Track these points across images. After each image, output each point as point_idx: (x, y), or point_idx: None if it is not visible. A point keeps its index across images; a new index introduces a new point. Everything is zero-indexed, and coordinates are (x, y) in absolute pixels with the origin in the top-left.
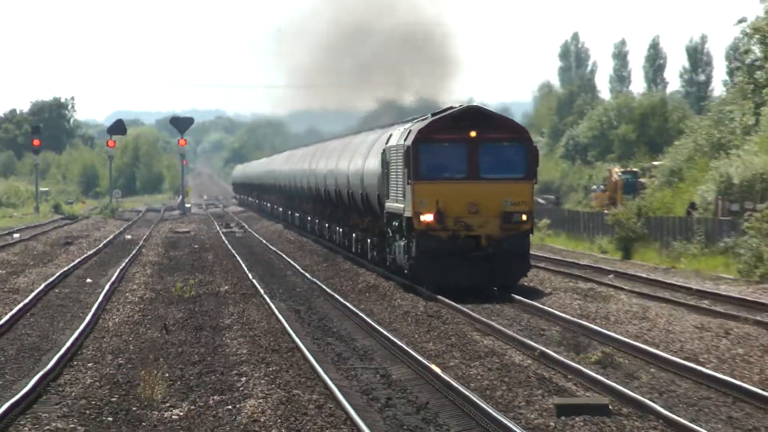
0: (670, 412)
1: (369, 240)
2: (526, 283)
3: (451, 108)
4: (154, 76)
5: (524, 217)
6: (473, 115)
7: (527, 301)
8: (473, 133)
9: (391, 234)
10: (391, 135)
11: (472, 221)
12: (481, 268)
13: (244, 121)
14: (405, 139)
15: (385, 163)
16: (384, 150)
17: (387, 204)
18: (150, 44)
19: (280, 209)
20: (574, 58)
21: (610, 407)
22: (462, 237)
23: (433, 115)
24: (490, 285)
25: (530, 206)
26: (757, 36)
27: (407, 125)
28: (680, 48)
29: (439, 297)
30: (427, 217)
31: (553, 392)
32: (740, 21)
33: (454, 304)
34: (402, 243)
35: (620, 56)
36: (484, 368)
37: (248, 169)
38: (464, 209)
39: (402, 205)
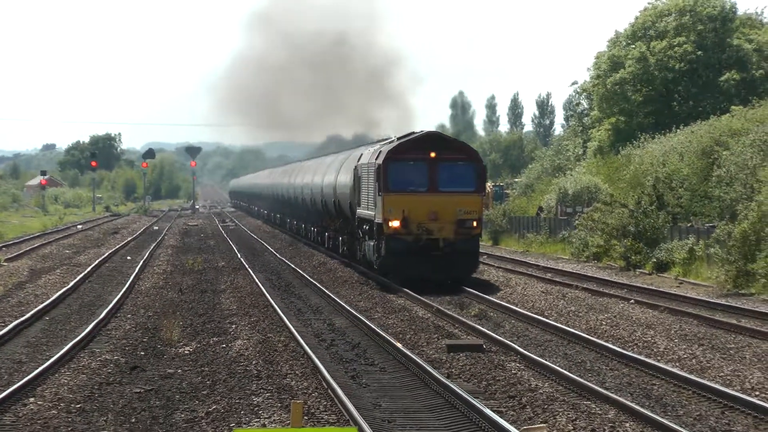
0: (525, 350)
1: (340, 238)
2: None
3: (413, 133)
4: (174, 118)
5: (474, 224)
6: (433, 139)
7: None
8: (433, 154)
9: (361, 235)
10: (362, 154)
11: (432, 226)
12: (439, 264)
13: (235, 149)
14: (376, 158)
15: (357, 178)
16: (356, 166)
17: (358, 211)
18: (171, 97)
19: (264, 211)
20: (459, 107)
21: (484, 346)
22: (424, 239)
23: (398, 138)
24: (446, 278)
25: (479, 214)
26: (584, 93)
27: (375, 146)
28: (533, 101)
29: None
30: (395, 223)
31: (445, 336)
32: (573, 83)
33: (376, 276)
34: (372, 243)
35: (491, 106)
36: (398, 319)
37: (240, 182)
38: (425, 216)
39: (373, 213)
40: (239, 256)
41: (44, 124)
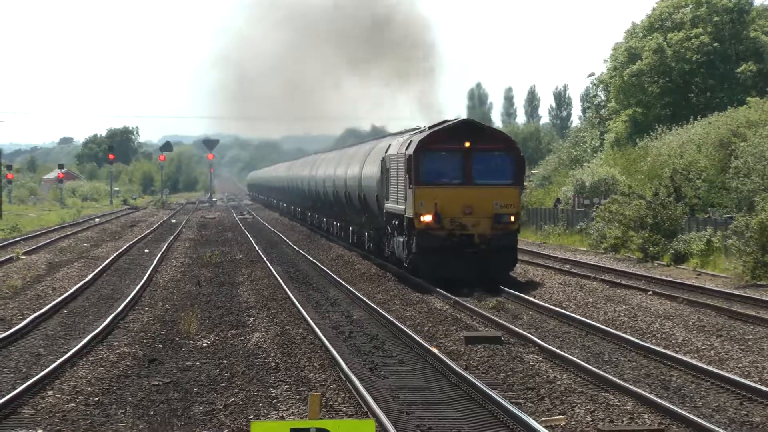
0: (543, 341)
1: (366, 233)
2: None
3: (446, 121)
4: (191, 111)
5: (512, 218)
6: (467, 128)
7: None
8: (467, 144)
9: (390, 231)
10: (390, 145)
11: (467, 221)
12: (474, 262)
13: (253, 142)
14: (406, 148)
15: (384, 170)
16: (384, 158)
17: (386, 205)
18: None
19: (284, 204)
20: (477, 99)
21: (502, 338)
22: (457, 235)
23: (430, 128)
24: (481, 277)
25: (517, 208)
26: (601, 85)
27: (404, 137)
28: (549, 93)
29: (382, 262)
30: (427, 218)
31: (463, 328)
32: (590, 75)
33: (394, 267)
34: (401, 239)
35: (508, 98)
36: (416, 311)
37: (258, 174)
38: (459, 211)
39: (402, 207)
40: (257, 248)
41: (61, 118)
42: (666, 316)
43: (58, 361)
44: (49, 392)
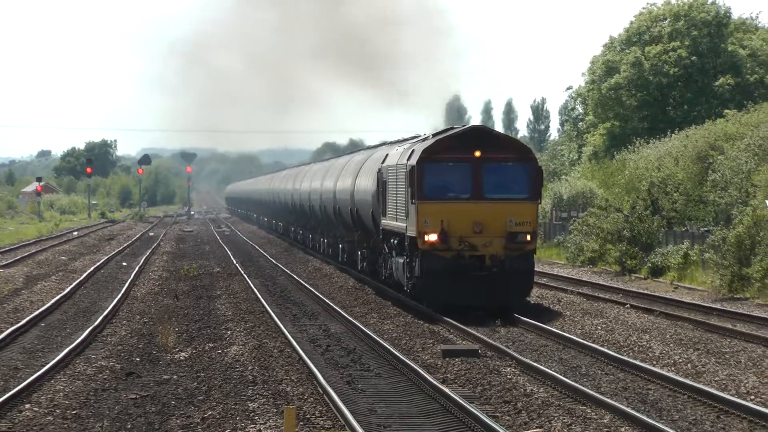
0: (520, 355)
1: (359, 252)
2: None
3: (452, 128)
4: (169, 124)
5: (528, 237)
6: (477, 135)
7: None
8: (478, 153)
9: (387, 250)
10: (387, 155)
11: (477, 241)
12: (485, 287)
13: (231, 155)
14: (408, 158)
15: (381, 182)
16: (380, 169)
17: (383, 221)
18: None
19: (264, 218)
20: (456, 112)
21: (479, 351)
22: (466, 257)
23: (434, 135)
24: (493, 304)
25: (534, 226)
26: (579, 98)
27: (404, 145)
28: (527, 106)
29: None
30: (432, 237)
31: (440, 341)
32: (568, 88)
33: (370, 280)
34: (401, 261)
35: (487, 111)
36: (394, 324)
37: (237, 187)
38: (469, 229)
39: (403, 224)
40: (235, 262)
41: (40, 131)
42: (643, 330)
43: (36, 375)
44: (27, 405)
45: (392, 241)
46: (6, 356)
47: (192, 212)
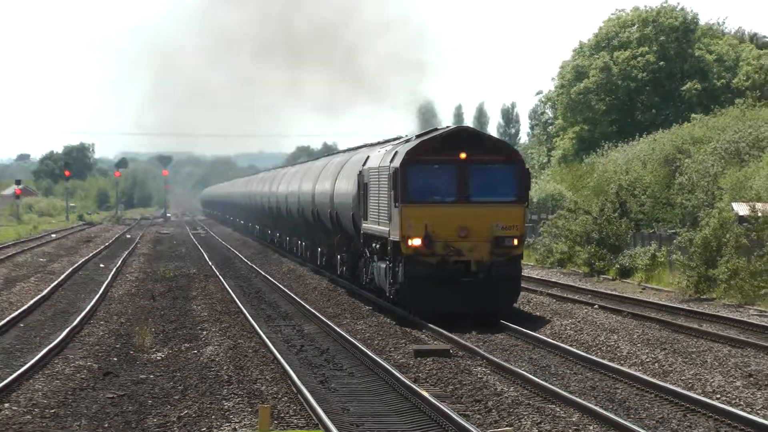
0: (491, 354)
1: (339, 256)
2: None
3: (436, 129)
4: (145, 129)
5: (515, 242)
6: (462, 136)
7: None
8: (463, 155)
9: (369, 255)
10: (368, 157)
11: (462, 245)
12: (471, 293)
13: (206, 159)
14: (391, 160)
15: (362, 185)
16: (361, 171)
17: (364, 225)
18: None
19: (240, 221)
20: (429, 115)
21: (451, 351)
22: (451, 262)
23: (418, 136)
24: (478, 310)
25: (522, 230)
26: (549, 102)
27: (386, 147)
28: (497, 110)
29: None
30: (416, 241)
31: (412, 341)
32: (538, 93)
33: (344, 282)
34: (383, 266)
35: (458, 116)
36: (366, 325)
37: (214, 190)
38: (454, 233)
39: (386, 228)
40: (210, 263)
41: (19, 134)
42: (611, 330)
43: (15, 374)
44: (6, 404)
45: (374, 245)
46: None
47: (168, 215)
